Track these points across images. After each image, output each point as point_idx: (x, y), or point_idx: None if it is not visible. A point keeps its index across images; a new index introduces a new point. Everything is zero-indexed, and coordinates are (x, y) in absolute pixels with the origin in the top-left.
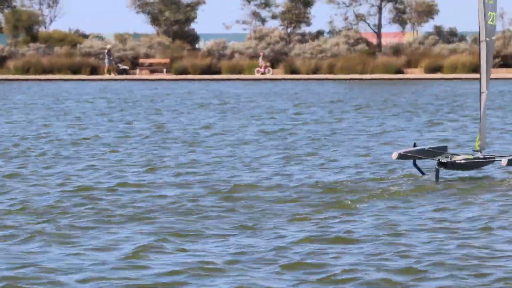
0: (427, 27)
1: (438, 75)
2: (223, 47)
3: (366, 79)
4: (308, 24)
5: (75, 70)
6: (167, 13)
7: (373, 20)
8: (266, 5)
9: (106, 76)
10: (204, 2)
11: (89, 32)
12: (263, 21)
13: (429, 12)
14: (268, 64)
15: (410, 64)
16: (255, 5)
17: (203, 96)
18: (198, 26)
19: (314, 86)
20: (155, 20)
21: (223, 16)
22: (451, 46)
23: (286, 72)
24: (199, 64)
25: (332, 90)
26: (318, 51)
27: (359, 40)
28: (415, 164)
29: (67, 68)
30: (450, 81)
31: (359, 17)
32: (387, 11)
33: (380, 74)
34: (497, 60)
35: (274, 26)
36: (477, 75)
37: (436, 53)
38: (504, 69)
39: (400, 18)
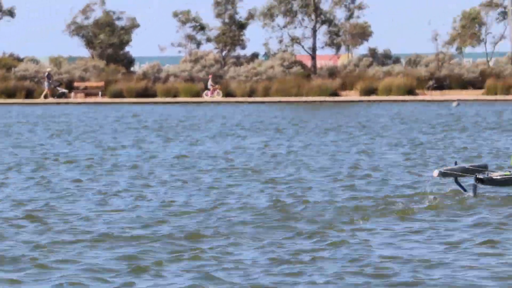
0: (362, 49)
1: (373, 97)
2: (158, 70)
3: (301, 101)
4: (243, 47)
5: (10, 94)
6: (101, 36)
7: (308, 43)
8: (201, 28)
9: (43, 100)
10: (139, 26)
11: (23, 56)
12: (198, 44)
13: (363, 34)
14: (217, 86)
15: (345, 86)
16: (190, 27)
17: (140, 119)
18: (133, 49)
19: (250, 109)
20: (89, 43)
21: (158, 39)
22: (385, 68)
23: (222, 95)
24: (134, 87)
25: (269, 114)
26: (253, 73)
27: (294, 62)
28: (456, 181)
29: (2, 92)
30: (385, 103)
31: (294, 40)
32: (322, 34)
33: (315, 97)
34: (430, 82)
35: (209, 49)
36: (412, 97)
37: (370, 76)
38: (438, 92)
39: (334, 41)
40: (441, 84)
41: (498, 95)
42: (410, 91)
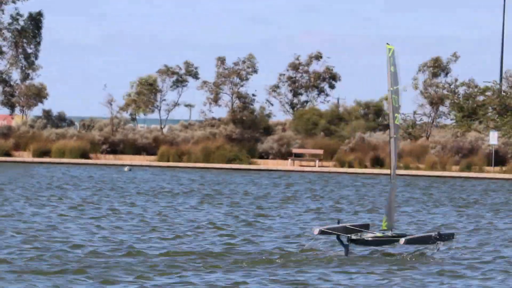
0: (37, 110)
1: (46, 159)
2: None
3: None
4: None
5: None
6: None
7: None
8: None
9: None
10: None
11: None
12: None
13: (38, 96)
14: None
15: (19, 146)
16: None
17: None
18: None
19: None
20: None
21: None
22: (59, 130)
23: None
24: None
25: None
26: None
27: None
28: (338, 239)
29: None
30: (57, 165)
31: None
32: None
33: None
34: (104, 146)
35: None
36: (85, 160)
37: (45, 137)
38: (111, 155)
39: (9, 101)
40: (114, 149)
41: (170, 161)
42: (84, 154)
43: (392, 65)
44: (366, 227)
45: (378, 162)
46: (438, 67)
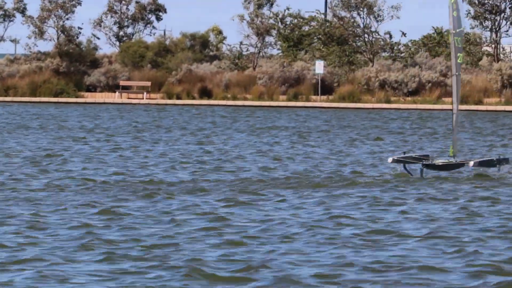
0: None
1: None
2: None
3: None
4: None
5: None
6: None
7: None
8: None
9: None
10: None
11: None
12: None
13: None
14: None
15: None
16: None
17: None
18: None
19: None
20: None
21: None
22: None
23: None
24: None
25: None
26: None
27: None
28: (405, 167)
29: None
30: None
31: None
32: None
33: None
34: None
35: None
36: None
37: None
38: None
39: None
40: None
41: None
42: None
43: (455, 10)
44: (427, 156)
45: (205, 93)
46: None
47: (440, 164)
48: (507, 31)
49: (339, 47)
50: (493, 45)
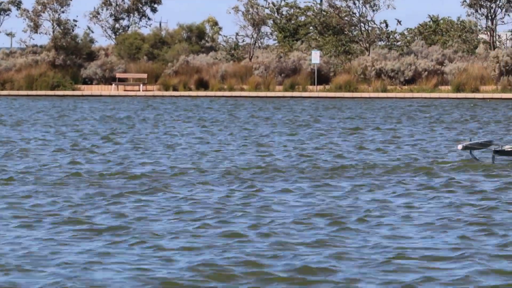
0: None
1: None
2: None
3: None
4: None
5: None
6: None
7: None
8: None
9: None
10: None
11: None
12: None
13: None
14: None
15: None
16: None
17: None
18: None
19: None
20: None
21: None
22: None
23: None
24: None
25: None
26: None
27: None
28: (471, 153)
29: None
30: None
31: None
32: None
33: None
34: None
35: None
36: None
37: None
38: None
39: None
40: None
41: None
42: None
43: None
44: (491, 142)
45: (202, 84)
46: None
47: (510, 150)
48: (503, 18)
49: (335, 36)
50: (489, 33)
